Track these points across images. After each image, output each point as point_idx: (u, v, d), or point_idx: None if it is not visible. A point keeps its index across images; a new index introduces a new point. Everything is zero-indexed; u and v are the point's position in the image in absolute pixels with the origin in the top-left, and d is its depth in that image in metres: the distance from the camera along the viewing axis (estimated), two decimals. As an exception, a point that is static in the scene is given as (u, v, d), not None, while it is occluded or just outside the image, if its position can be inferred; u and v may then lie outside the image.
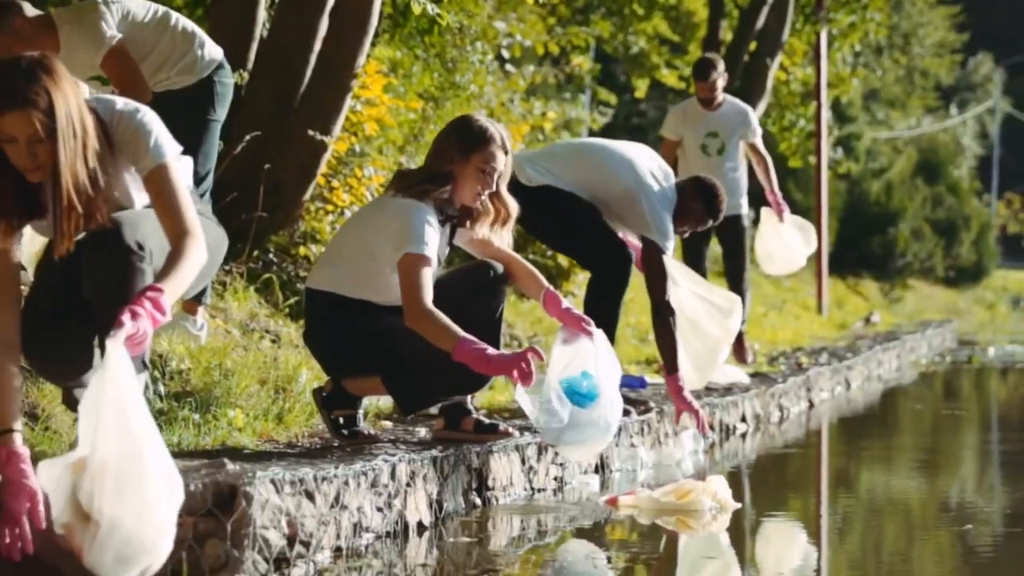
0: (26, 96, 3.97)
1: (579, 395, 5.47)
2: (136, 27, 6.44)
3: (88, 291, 4.34)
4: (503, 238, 5.69)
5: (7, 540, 3.73)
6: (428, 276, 5.27)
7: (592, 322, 5.58)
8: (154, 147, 4.27)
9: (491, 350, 5.16)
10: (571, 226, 7.04)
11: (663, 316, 7.07)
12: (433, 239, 5.31)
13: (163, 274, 4.02)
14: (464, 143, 5.47)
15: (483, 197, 5.51)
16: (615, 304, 6.95)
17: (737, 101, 10.22)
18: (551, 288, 5.66)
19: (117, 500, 3.59)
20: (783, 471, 7.57)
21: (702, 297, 7.63)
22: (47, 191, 4.13)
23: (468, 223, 5.60)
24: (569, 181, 6.99)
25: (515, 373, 5.08)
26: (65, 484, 3.65)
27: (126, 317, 3.70)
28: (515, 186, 6.96)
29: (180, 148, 4.38)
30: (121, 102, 4.35)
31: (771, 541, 5.51)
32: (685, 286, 7.50)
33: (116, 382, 3.59)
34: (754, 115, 10.27)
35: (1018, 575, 4.84)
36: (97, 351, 4.47)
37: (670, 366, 7.03)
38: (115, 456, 3.58)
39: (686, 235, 7.45)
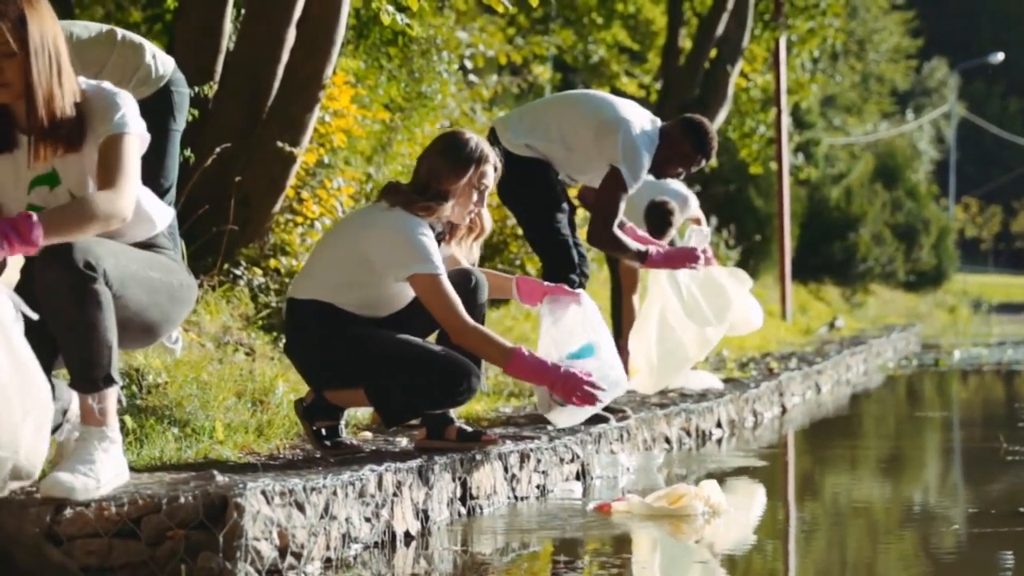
0: None
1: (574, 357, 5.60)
2: (83, 47, 6.39)
3: (42, 312, 4.24)
4: (474, 252, 5.69)
5: None
6: (452, 291, 5.30)
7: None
8: (119, 118, 4.19)
9: (549, 362, 5.31)
10: (536, 216, 7.08)
11: (606, 245, 7.09)
12: (437, 253, 5.33)
13: (52, 210, 3.92)
14: (458, 162, 5.47)
15: (473, 214, 5.53)
16: None
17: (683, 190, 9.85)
18: (519, 276, 5.84)
19: None
20: (760, 476, 7.56)
21: (696, 306, 7.58)
22: (15, 116, 4.07)
23: (446, 239, 5.60)
24: (547, 129, 7.01)
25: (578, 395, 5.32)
26: None
27: None
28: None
29: (148, 137, 4.30)
30: (108, 83, 4.30)
31: (747, 546, 5.47)
32: (688, 291, 7.46)
33: None
34: (693, 198, 9.95)
35: (982, 574, 4.85)
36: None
37: (640, 258, 7.07)
38: None
39: (682, 176, 7.38)
